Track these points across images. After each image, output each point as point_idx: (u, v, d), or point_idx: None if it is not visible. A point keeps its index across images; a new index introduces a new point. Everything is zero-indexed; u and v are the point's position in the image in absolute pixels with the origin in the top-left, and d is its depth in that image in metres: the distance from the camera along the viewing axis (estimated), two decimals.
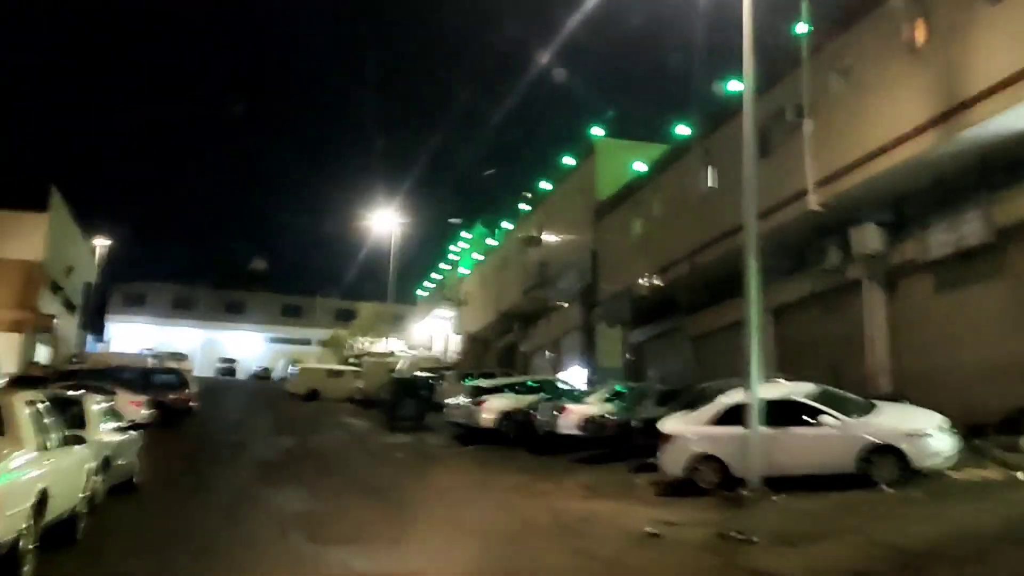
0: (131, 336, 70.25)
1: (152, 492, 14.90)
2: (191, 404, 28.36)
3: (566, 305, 35.61)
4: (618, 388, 23.35)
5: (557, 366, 36.76)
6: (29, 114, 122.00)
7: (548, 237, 37.19)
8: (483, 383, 27.95)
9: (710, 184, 24.43)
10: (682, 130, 26.27)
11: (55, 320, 44.58)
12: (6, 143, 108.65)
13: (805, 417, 13.67)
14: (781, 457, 13.27)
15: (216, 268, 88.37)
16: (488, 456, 23.08)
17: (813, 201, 18.81)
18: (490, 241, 47.51)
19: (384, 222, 49.31)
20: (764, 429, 13.25)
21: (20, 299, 42.69)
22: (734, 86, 23.05)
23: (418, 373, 39.67)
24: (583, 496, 15.68)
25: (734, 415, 13.97)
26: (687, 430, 14.78)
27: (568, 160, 34.84)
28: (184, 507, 13.80)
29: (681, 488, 14.70)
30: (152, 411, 26.23)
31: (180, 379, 28.90)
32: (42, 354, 45.45)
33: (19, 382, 21.50)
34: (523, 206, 40.61)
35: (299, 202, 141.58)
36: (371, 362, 44.35)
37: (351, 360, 54.10)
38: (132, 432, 14.34)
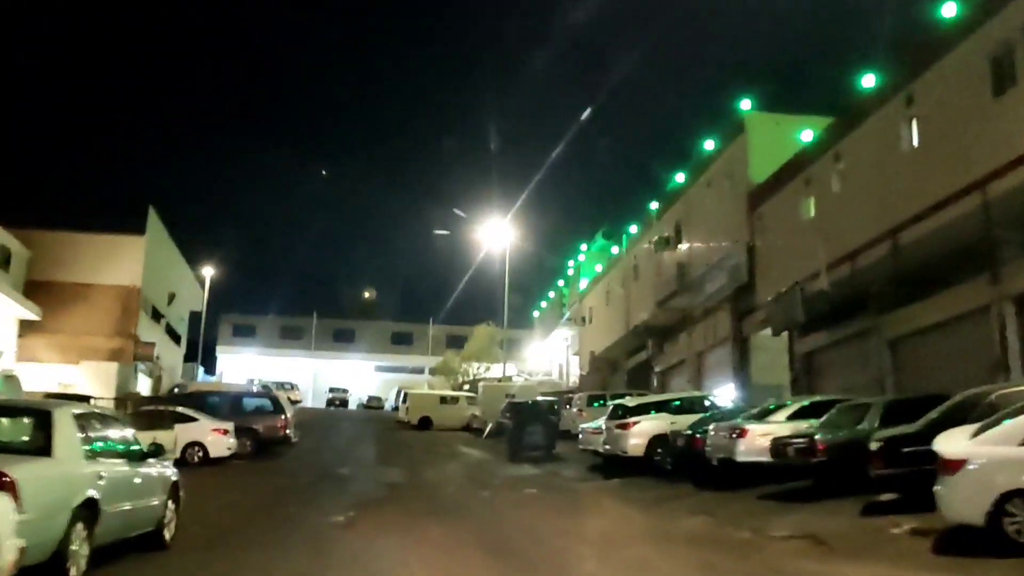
0: (240, 367, 68.18)
1: (190, 550, 10.26)
2: (286, 432, 24.47)
3: (712, 313, 30.56)
4: (793, 404, 18.27)
5: (699, 386, 31.63)
6: (140, 143, 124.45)
7: (687, 236, 32.24)
8: (628, 402, 23.17)
9: (914, 143, 19.22)
10: (868, 81, 21.08)
11: (155, 349, 41.98)
12: (114, 172, 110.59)
13: None
14: None
15: (324, 298, 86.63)
16: (642, 492, 18.35)
17: None
18: (615, 250, 42.72)
19: (495, 241, 45.11)
20: None
21: (117, 326, 40.37)
22: (949, 10, 17.95)
23: (539, 397, 35.19)
24: (815, 553, 10.74)
25: None
26: (991, 453, 9.63)
27: (708, 144, 29.93)
28: None
29: (975, 542, 9.60)
30: (240, 440, 22.58)
31: (275, 404, 25.09)
32: (144, 385, 42.92)
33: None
34: (653, 205, 35.81)
35: (407, 228, 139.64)
36: (488, 387, 40.13)
37: (465, 387, 50.15)
38: (159, 463, 9.95)
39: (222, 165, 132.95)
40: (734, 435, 17.17)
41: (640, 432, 20.96)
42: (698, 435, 19.02)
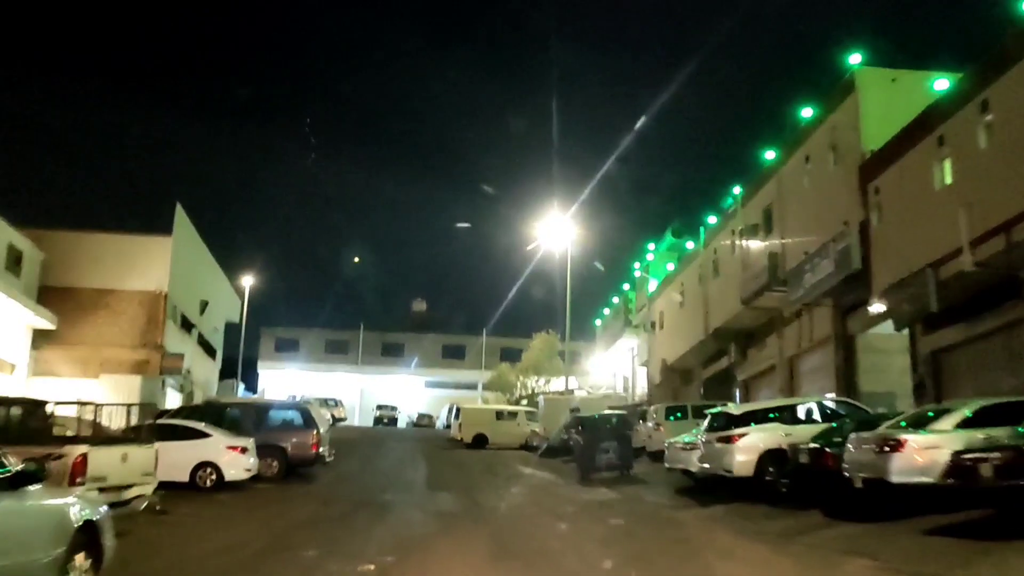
0: (283, 383, 65.17)
1: None
2: (318, 450, 20.82)
3: (808, 310, 26.37)
4: (963, 408, 14.12)
5: (791, 396, 27.45)
6: (176, 147, 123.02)
7: (780, 222, 28.06)
8: (732, 409, 19.16)
9: None
10: None
11: (184, 360, 38.82)
12: (146, 178, 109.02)
13: None
14: None
15: (372, 311, 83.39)
16: (760, 523, 14.45)
17: None
18: (689, 246, 38.54)
19: (555, 241, 41.25)
20: None
21: (141, 336, 37.27)
22: None
23: (608, 411, 31.31)
24: None
25: None
26: None
27: (806, 112, 25.74)
28: None
29: None
30: (263, 460, 19.04)
31: (305, 417, 21.45)
32: (173, 401, 39.76)
33: None
34: (735, 191, 31.64)
35: (458, 236, 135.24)
36: (550, 400, 36.37)
37: (522, 402, 46.42)
38: (52, 494, 6.11)
39: (265, 172, 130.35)
40: (886, 448, 13.09)
41: (748, 447, 16.97)
42: (828, 449, 15.01)
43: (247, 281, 58.42)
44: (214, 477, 17.43)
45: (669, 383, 40.37)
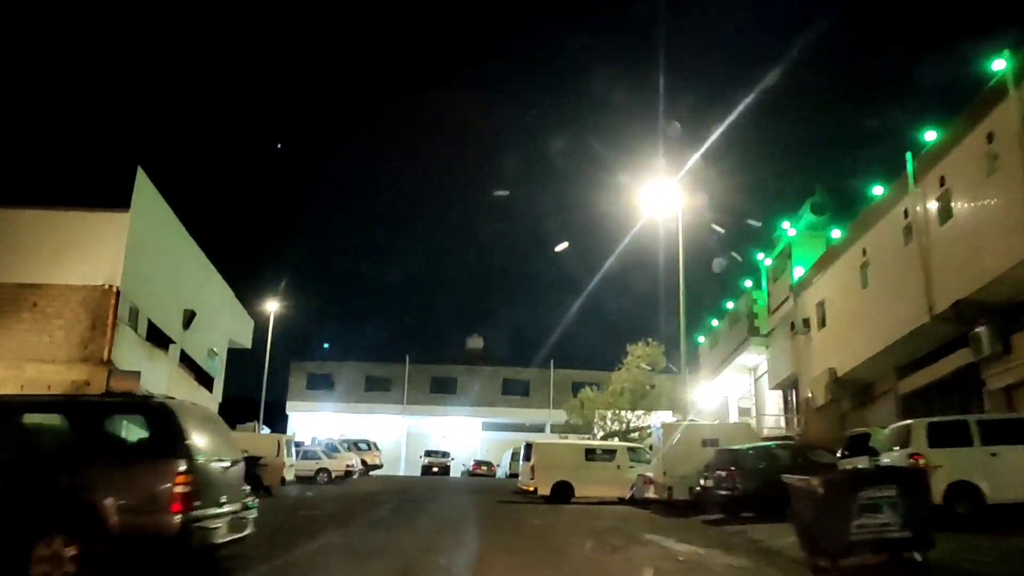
0: (316, 426, 53.58)
1: None
2: (178, 499, 8.69)
3: None
4: None
5: None
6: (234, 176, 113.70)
7: None
8: None
9: None
10: None
11: (141, 382, 27.32)
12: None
13: None
14: None
15: (418, 346, 71.64)
16: None
17: None
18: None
19: (657, 220, 29.30)
20: None
21: (81, 347, 26.46)
22: None
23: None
24: None
25: None
26: None
27: None
28: None
29: None
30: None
31: (156, 425, 9.26)
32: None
33: None
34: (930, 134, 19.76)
35: (517, 253, 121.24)
36: (671, 429, 24.20)
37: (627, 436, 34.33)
38: None
39: (297, 188, 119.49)
40: None
41: None
42: None
43: (272, 307, 47.57)
44: None
45: (834, 407, 27.72)
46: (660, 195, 28.25)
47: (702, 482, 20.81)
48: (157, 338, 30.86)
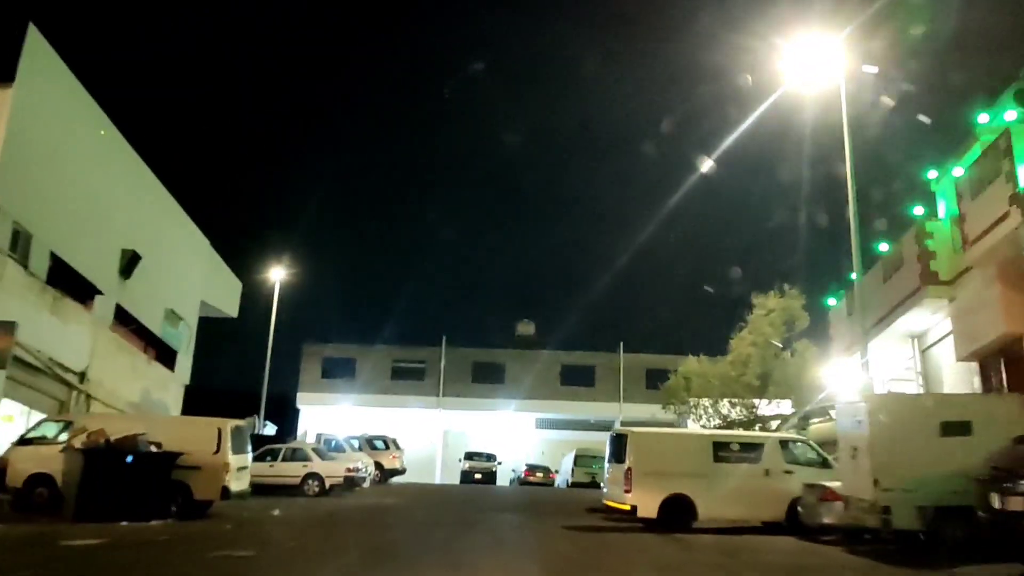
0: (332, 421, 43.79)
1: None
2: None
3: None
4: None
5: None
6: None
7: None
8: None
9: None
10: None
11: (16, 335, 17.77)
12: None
13: None
14: None
15: (457, 331, 61.35)
16: None
17: None
18: None
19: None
20: None
21: None
22: None
23: None
24: None
25: None
26: None
27: None
28: None
29: None
30: None
31: None
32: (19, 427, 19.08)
33: None
34: None
35: (578, 226, 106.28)
36: (883, 403, 13.80)
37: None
38: None
39: (315, 137, 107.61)
40: None
41: None
42: None
43: (277, 275, 37.98)
44: None
45: None
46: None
47: (998, 498, 10.49)
48: (71, 284, 21.24)
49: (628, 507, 15.49)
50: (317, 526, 15.37)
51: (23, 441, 16.53)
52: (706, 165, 29.04)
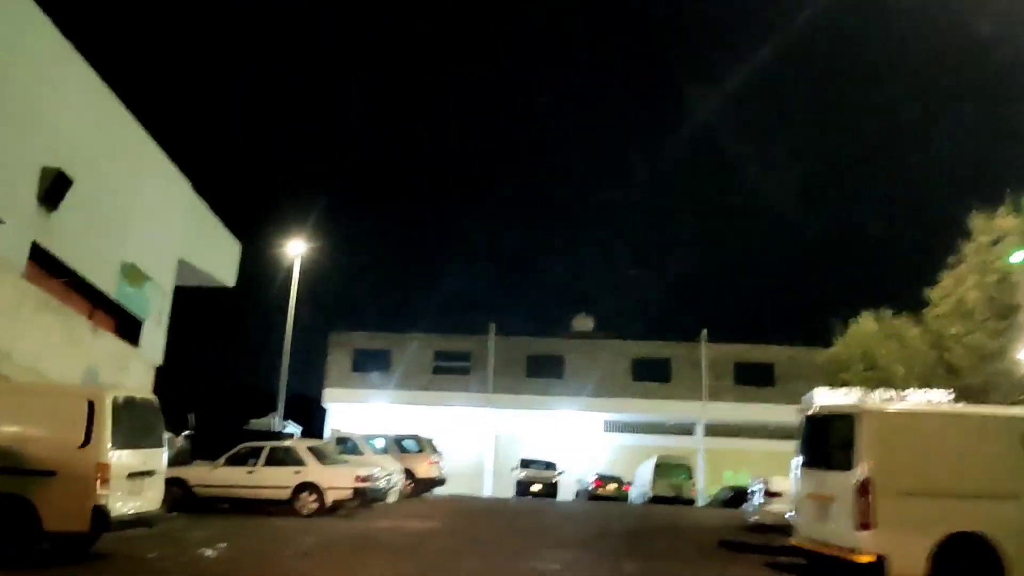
0: (364, 420, 36.72)
1: None
2: None
3: None
4: None
5: None
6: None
7: None
8: None
9: None
10: None
11: None
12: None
13: None
14: None
15: (508, 322, 53.65)
16: None
17: None
18: None
19: None
20: None
21: None
22: None
23: None
24: None
25: None
26: None
27: None
28: None
29: None
30: None
31: None
32: None
33: None
34: None
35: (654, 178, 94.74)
36: None
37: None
38: None
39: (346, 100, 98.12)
40: None
41: None
42: None
43: (297, 249, 31.18)
44: None
45: None
46: None
47: None
48: None
49: (865, 559, 7.97)
50: None
51: None
52: None
